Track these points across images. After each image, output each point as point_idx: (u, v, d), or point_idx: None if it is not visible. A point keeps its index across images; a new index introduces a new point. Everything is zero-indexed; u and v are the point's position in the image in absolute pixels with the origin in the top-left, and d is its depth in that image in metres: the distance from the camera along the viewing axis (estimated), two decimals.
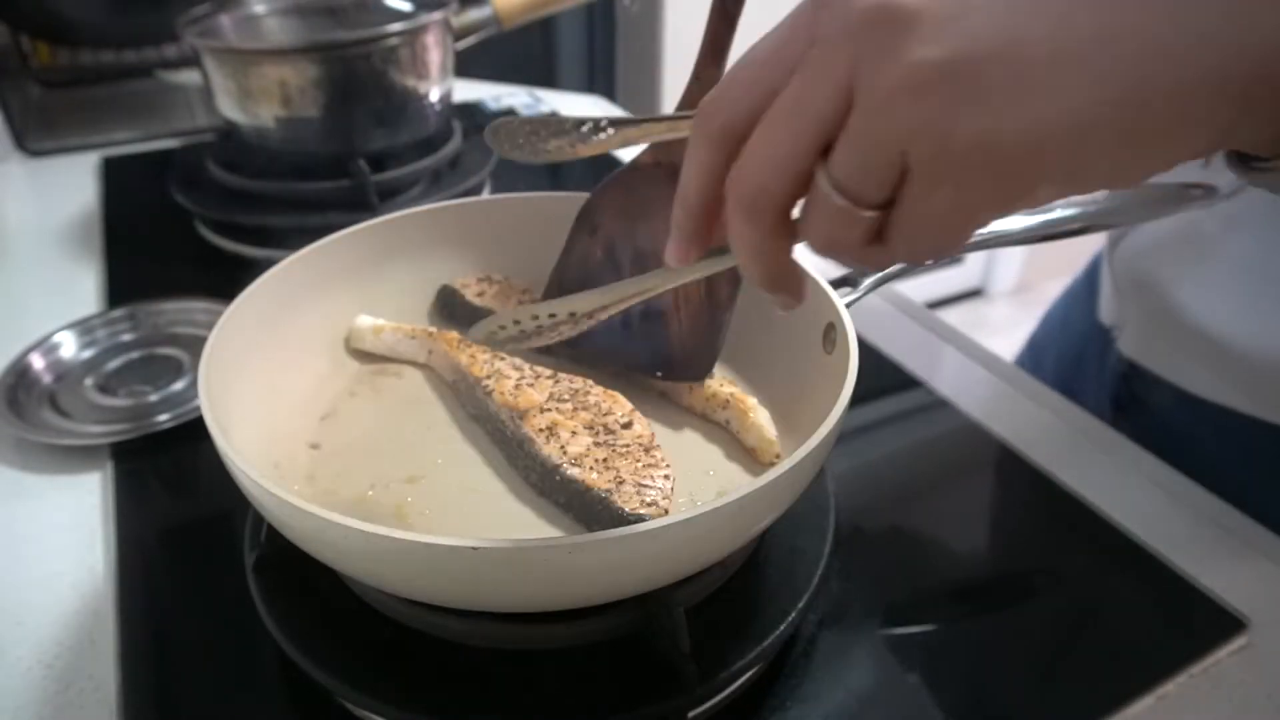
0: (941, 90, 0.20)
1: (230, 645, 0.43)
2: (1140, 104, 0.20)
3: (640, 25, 1.73)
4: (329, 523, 0.31)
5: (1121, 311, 0.63)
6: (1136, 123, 0.21)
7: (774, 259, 0.25)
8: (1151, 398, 0.61)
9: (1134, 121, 0.20)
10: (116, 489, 0.53)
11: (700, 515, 0.31)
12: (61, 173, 0.98)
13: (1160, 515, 0.51)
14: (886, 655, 0.43)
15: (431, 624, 0.38)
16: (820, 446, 0.35)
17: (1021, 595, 0.48)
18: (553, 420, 0.43)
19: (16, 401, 0.59)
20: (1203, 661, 0.43)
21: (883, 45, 0.20)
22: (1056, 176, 0.21)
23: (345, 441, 0.47)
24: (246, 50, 0.76)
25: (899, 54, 0.20)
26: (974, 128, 0.20)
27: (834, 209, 0.22)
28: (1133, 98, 0.20)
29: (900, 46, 0.20)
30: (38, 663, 0.43)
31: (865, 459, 0.57)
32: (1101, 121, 0.20)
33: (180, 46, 1.14)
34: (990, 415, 0.60)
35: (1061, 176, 0.21)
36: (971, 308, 2.51)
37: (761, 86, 0.23)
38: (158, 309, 0.68)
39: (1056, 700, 0.41)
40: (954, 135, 0.20)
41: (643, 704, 0.36)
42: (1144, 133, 0.21)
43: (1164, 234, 0.57)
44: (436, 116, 0.85)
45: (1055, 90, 0.20)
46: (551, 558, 0.31)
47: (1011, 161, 0.20)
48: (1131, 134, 0.21)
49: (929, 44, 0.20)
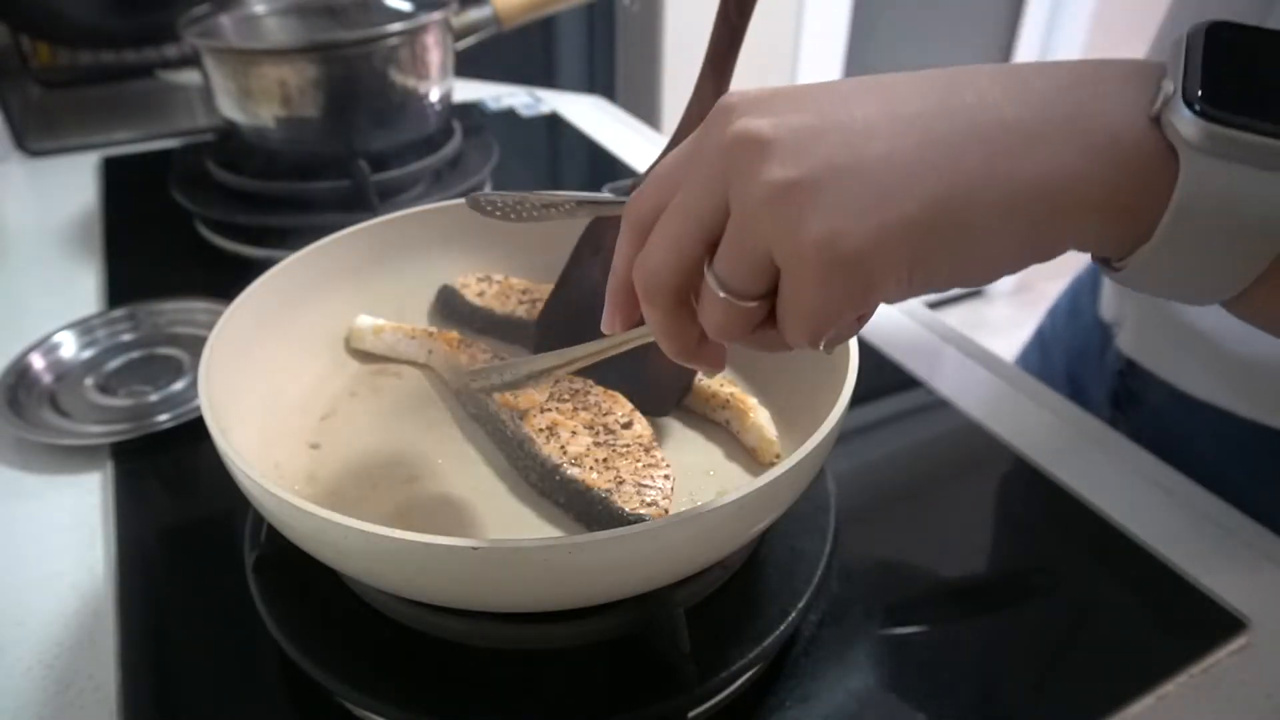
0: (793, 202, 0.24)
1: (230, 645, 0.43)
2: (959, 214, 0.23)
3: (640, 25, 1.73)
4: (329, 523, 0.31)
5: (1120, 308, 0.64)
6: (960, 231, 0.24)
7: (678, 336, 0.29)
8: (1148, 395, 0.61)
9: (957, 230, 0.24)
10: (116, 489, 0.53)
11: (700, 515, 0.31)
12: (61, 173, 0.98)
13: (1160, 515, 0.51)
14: (886, 655, 0.43)
15: (432, 624, 0.38)
16: (820, 446, 0.35)
17: (1021, 595, 0.48)
18: (553, 420, 0.43)
19: (16, 401, 0.59)
20: (1203, 661, 0.43)
21: (747, 165, 0.24)
22: (900, 274, 0.24)
23: (345, 441, 0.47)
24: (246, 50, 0.76)
25: (760, 173, 0.24)
26: (820, 231, 0.23)
27: (719, 301, 0.26)
28: (953, 208, 0.23)
29: (761, 167, 0.24)
30: (38, 663, 0.43)
31: (865, 459, 0.57)
32: (925, 229, 0.23)
33: (180, 46, 1.14)
34: (990, 415, 0.60)
35: (905, 274, 0.24)
36: (971, 308, 2.51)
37: (668, 188, 0.27)
38: (158, 309, 0.68)
39: (1056, 700, 0.41)
40: (804, 238, 0.24)
41: (643, 704, 0.36)
42: (970, 240, 0.24)
43: None
44: (436, 116, 0.85)
45: (885, 201, 0.23)
46: (551, 558, 0.31)
47: (855, 259, 0.24)
48: (958, 240, 0.24)
49: (785, 165, 0.24)
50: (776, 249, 0.24)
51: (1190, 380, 0.57)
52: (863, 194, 0.23)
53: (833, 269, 0.24)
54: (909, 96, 0.25)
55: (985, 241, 0.24)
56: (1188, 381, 0.57)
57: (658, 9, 1.67)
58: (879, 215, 0.23)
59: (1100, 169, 0.23)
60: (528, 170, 0.98)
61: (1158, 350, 0.60)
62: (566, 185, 0.87)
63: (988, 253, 0.24)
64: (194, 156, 0.86)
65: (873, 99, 0.25)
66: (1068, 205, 0.23)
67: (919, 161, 0.24)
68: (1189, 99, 0.22)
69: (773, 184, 0.24)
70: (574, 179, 1.01)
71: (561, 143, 1.08)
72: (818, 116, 0.25)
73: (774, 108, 0.25)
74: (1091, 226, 0.24)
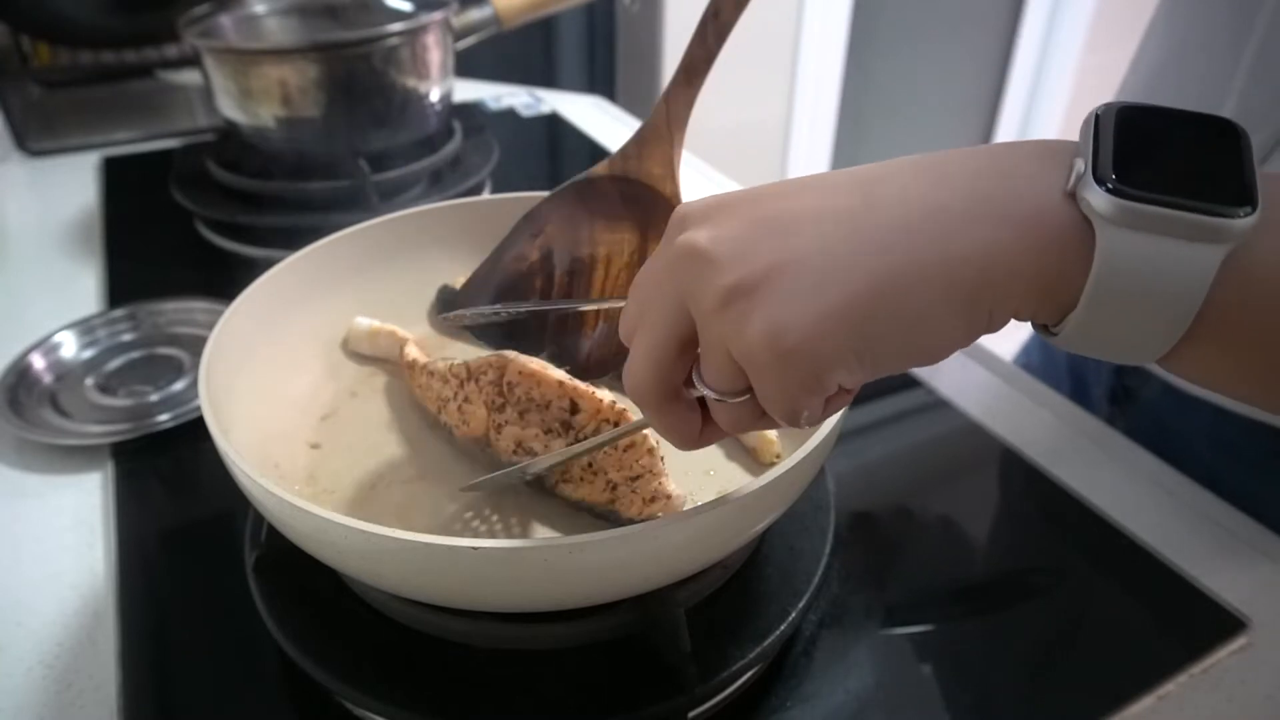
0: (737, 305, 0.25)
1: (230, 645, 0.43)
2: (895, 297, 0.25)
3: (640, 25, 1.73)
4: (329, 523, 0.31)
5: None
6: (898, 314, 0.25)
7: (678, 429, 0.30)
8: (1145, 393, 0.61)
9: (895, 313, 0.25)
10: (116, 489, 0.53)
11: (700, 515, 0.31)
12: (61, 173, 0.98)
13: (1161, 515, 0.51)
14: (886, 655, 0.43)
15: (432, 624, 0.38)
16: (820, 446, 0.35)
17: (1022, 595, 0.48)
18: (516, 437, 0.41)
19: (17, 401, 0.59)
20: (1203, 661, 0.43)
21: (696, 277, 0.26)
22: (848, 360, 0.25)
23: (345, 441, 0.47)
24: (246, 50, 0.76)
25: (705, 282, 0.26)
26: (762, 328, 0.25)
27: (716, 403, 0.28)
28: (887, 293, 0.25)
29: (704, 276, 0.26)
30: (38, 663, 0.43)
31: (865, 459, 0.57)
32: (863, 315, 0.25)
33: (180, 46, 1.14)
34: (990, 415, 0.60)
35: (853, 360, 0.25)
36: None
37: (643, 303, 0.29)
38: (158, 309, 0.68)
39: (1057, 700, 0.41)
40: (750, 337, 0.25)
41: (643, 704, 0.36)
42: (910, 321, 0.25)
43: None
44: (436, 116, 0.85)
45: (821, 292, 0.25)
46: (551, 558, 0.31)
47: (798, 351, 0.25)
48: (898, 322, 0.25)
49: (724, 273, 0.26)
50: (732, 350, 0.26)
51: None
52: (799, 288, 0.25)
53: (781, 361, 0.25)
54: (838, 193, 0.26)
55: (925, 321, 0.25)
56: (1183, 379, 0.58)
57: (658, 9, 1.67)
58: (816, 306, 0.25)
59: (1024, 242, 0.24)
60: (528, 171, 0.98)
61: None
62: None
63: (930, 331, 0.26)
64: (194, 156, 0.86)
65: (807, 197, 0.27)
66: (998, 279, 0.25)
67: (849, 253, 0.25)
68: (1100, 177, 0.23)
69: (717, 291, 0.26)
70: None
71: (561, 143, 1.08)
72: (753, 223, 0.26)
73: (713, 219, 0.27)
74: (1025, 297, 0.25)
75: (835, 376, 0.26)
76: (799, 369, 0.25)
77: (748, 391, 0.28)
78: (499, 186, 0.88)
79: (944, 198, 0.25)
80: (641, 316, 0.29)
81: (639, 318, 0.29)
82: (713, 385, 0.28)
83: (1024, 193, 0.25)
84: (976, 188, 0.25)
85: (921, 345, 0.26)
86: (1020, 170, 0.25)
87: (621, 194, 0.48)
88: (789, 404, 0.26)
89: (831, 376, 0.26)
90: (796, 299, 0.25)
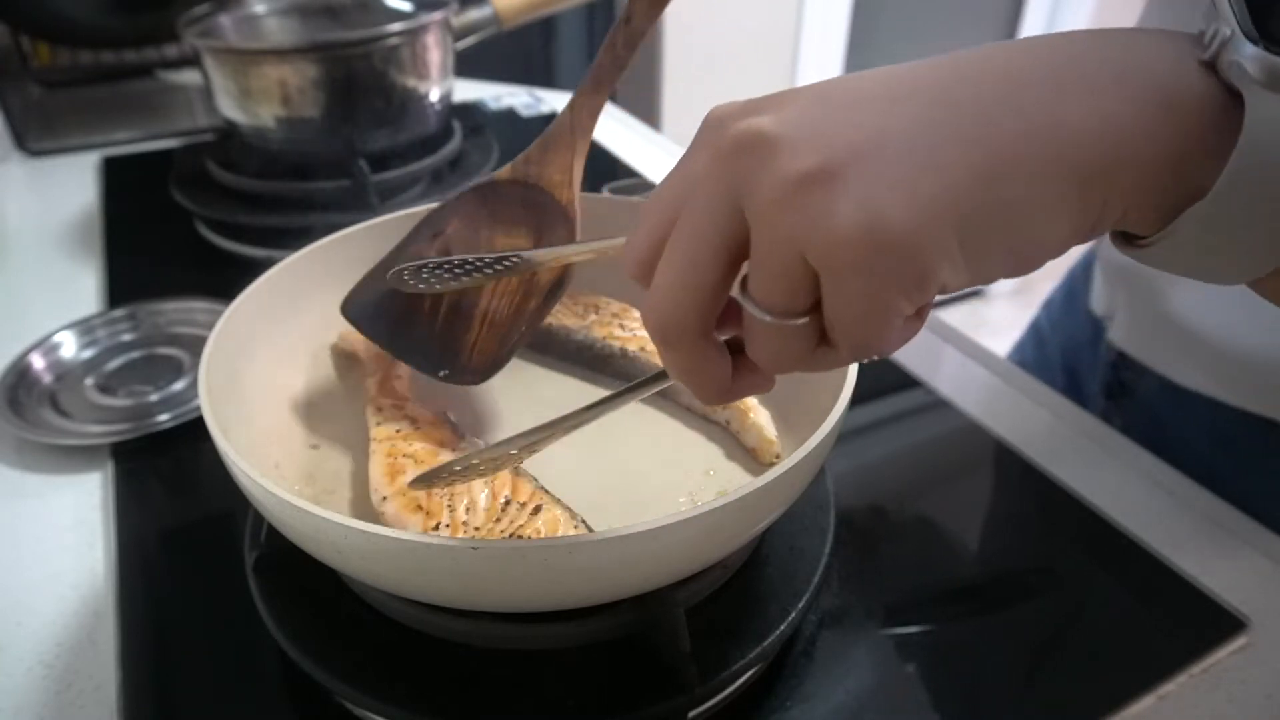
0: (817, 193, 0.21)
1: (230, 645, 0.43)
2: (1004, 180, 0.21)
3: None
4: (329, 523, 0.31)
5: (1111, 301, 0.64)
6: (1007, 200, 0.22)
7: (711, 377, 0.26)
8: (1140, 387, 0.61)
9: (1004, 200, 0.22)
10: (116, 489, 0.53)
11: (700, 515, 0.31)
12: (61, 173, 0.98)
13: (1161, 515, 0.51)
14: (886, 655, 0.43)
15: (432, 624, 0.38)
16: (820, 446, 0.35)
17: (1022, 595, 0.48)
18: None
19: (17, 401, 0.59)
20: (1203, 661, 0.43)
21: (758, 166, 0.22)
22: (952, 254, 0.22)
23: (345, 441, 0.47)
24: (246, 50, 0.76)
25: (773, 171, 0.22)
26: (854, 217, 0.21)
27: (767, 328, 0.24)
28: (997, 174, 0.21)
29: (773, 164, 0.22)
30: (38, 663, 0.43)
31: (865, 459, 0.57)
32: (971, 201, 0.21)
33: (180, 46, 1.14)
34: (990, 415, 0.60)
35: (956, 254, 0.22)
36: (971, 308, 2.51)
37: (663, 222, 0.24)
38: (158, 309, 0.68)
39: (1056, 700, 0.41)
40: (838, 229, 0.21)
41: (643, 704, 0.36)
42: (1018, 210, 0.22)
43: None
44: (436, 116, 0.85)
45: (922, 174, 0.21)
46: (551, 558, 0.31)
47: (899, 242, 0.21)
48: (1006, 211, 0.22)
49: (799, 156, 0.22)
50: (809, 249, 0.22)
51: (1181, 372, 0.58)
52: (894, 170, 0.21)
53: (877, 257, 0.21)
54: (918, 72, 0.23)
55: (1034, 209, 0.22)
56: (1179, 373, 0.58)
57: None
58: (918, 189, 0.21)
59: (1149, 118, 0.21)
60: None
61: (1149, 343, 0.60)
62: None
63: (1038, 222, 0.22)
64: (194, 156, 0.86)
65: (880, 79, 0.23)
66: (1119, 159, 0.21)
67: (947, 132, 0.21)
68: (1251, 35, 0.20)
69: (790, 178, 0.21)
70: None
71: None
72: (824, 104, 0.22)
73: (770, 107, 0.23)
74: (1143, 186, 0.22)
75: (936, 275, 0.22)
76: (898, 265, 0.21)
77: (809, 312, 0.23)
78: None
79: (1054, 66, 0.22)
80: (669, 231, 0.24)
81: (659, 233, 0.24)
82: (768, 302, 0.23)
83: (1148, 64, 0.21)
84: (1091, 56, 0.22)
85: (1027, 239, 0.23)
86: (1140, 42, 0.22)
87: (522, 199, 0.48)
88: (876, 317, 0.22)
89: (933, 275, 0.22)
90: (893, 181, 0.21)
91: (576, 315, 0.52)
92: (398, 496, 0.38)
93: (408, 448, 0.41)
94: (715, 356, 0.25)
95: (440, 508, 0.38)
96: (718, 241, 0.23)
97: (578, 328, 0.51)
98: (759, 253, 0.23)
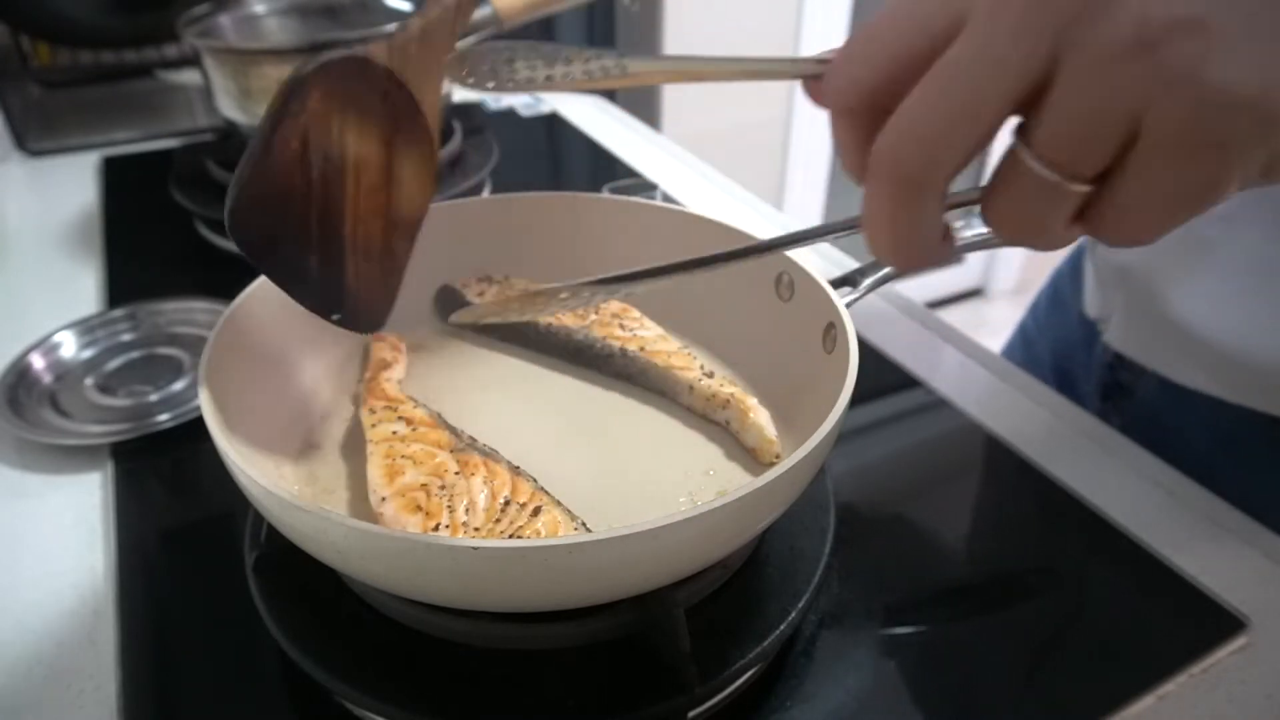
0: (1187, 44, 0.18)
1: (230, 645, 0.43)
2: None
3: (640, 25, 1.73)
4: (329, 523, 0.31)
5: (1106, 304, 0.64)
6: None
7: (922, 232, 0.22)
8: (1138, 387, 0.61)
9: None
10: (116, 489, 0.53)
11: (700, 515, 0.31)
12: (61, 173, 0.98)
13: (1161, 515, 0.51)
14: (887, 655, 0.43)
15: (432, 624, 0.38)
16: (820, 446, 0.35)
17: (1022, 595, 0.48)
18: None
19: (17, 401, 0.59)
20: (1203, 661, 0.43)
21: (1095, 6, 0.19)
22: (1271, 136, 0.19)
23: (345, 442, 0.47)
24: (246, 50, 0.76)
25: (1124, 9, 0.19)
26: (1248, 76, 0.18)
27: (1039, 185, 0.21)
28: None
29: (1109, 9, 0.19)
30: (38, 663, 0.43)
31: (865, 459, 0.57)
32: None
33: (180, 46, 1.14)
34: (990, 415, 0.60)
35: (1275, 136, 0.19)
36: (971, 308, 2.51)
37: (916, 44, 0.21)
38: (158, 309, 0.68)
39: (1056, 700, 0.41)
40: (1207, 92, 0.18)
41: (643, 704, 0.36)
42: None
43: None
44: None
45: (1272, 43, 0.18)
46: (551, 558, 0.31)
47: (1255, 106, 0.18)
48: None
49: (1151, 4, 0.18)
50: (1157, 107, 0.19)
51: (1181, 371, 0.58)
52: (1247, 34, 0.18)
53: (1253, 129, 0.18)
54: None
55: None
56: (1178, 373, 0.58)
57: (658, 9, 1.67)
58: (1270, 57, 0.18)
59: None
60: (528, 170, 0.98)
61: (1147, 344, 0.60)
62: (566, 186, 0.87)
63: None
64: (194, 156, 0.85)
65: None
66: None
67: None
68: None
69: (1148, 21, 0.18)
70: (574, 179, 1.01)
71: (561, 143, 1.08)
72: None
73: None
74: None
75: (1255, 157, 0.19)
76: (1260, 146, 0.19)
77: (1095, 181, 0.20)
78: (499, 187, 0.88)
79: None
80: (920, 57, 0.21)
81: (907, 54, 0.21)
82: (1060, 159, 0.20)
83: None
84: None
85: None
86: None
87: (384, 93, 0.42)
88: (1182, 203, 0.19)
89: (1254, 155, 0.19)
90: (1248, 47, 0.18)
91: (576, 315, 0.52)
92: (397, 497, 0.39)
93: (405, 449, 0.41)
94: (938, 212, 0.22)
95: (440, 508, 0.38)
96: (1013, 82, 0.20)
97: (578, 328, 0.51)
98: (1071, 104, 0.20)
